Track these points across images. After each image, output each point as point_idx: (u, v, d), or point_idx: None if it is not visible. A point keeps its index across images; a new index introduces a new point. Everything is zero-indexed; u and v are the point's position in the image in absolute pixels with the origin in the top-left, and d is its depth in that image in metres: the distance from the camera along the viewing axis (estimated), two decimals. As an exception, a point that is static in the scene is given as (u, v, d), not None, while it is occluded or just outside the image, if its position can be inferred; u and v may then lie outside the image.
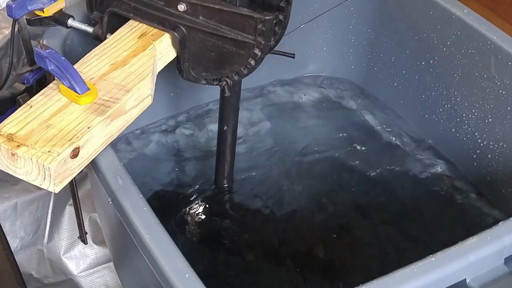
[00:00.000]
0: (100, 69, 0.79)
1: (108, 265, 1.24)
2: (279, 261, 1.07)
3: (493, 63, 1.03)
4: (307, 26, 1.12)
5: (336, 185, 1.17)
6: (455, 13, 1.07)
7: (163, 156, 1.22)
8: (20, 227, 1.18)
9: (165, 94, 1.23)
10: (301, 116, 1.30)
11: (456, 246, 0.71)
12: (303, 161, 1.21)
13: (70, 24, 0.92)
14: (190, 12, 0.83)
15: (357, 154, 1.22)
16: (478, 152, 1.11)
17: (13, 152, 0.67)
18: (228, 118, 1.02)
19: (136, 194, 0.76)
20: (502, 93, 1.04)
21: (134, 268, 0.87)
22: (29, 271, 1.20)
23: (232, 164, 1.09)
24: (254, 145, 1.24)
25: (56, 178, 0.67)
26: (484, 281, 0.72)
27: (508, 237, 0.73)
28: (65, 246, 1.23)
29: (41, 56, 0.73)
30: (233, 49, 0.84)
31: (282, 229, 1.11)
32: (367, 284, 0.67)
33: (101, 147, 0.74)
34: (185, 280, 0.68)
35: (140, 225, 0.73)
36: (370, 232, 1.10)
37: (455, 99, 1.13)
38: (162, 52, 0.84)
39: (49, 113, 0.72)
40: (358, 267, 1.06)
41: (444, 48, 1.11)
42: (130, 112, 0.76)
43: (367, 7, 1.24)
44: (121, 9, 0.86)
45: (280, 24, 0.87)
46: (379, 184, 1.17)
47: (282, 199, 1.15)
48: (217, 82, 0.87)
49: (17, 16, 0.89)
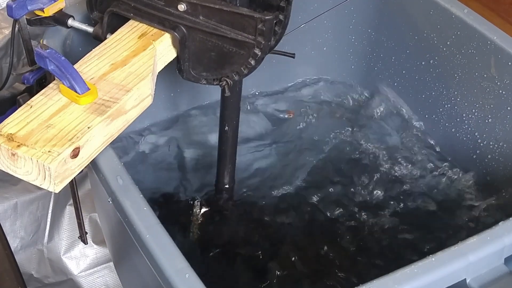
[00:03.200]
0: (100, 69, 0.79)
1: (108, 265, 1.24)
2: (281, 261, 1.07)
3: (493, 63, 1.03)
4: (307, 26, 1.12)
5: (336, 185, 1.17)
6: (455, 13, 1.07)
7: (163, 156, 1.22)
8: (20, 227, 1.18)
9: (165, 94, 1.23)
10: (301, 116, 1.30)
11: (456, 246, 0.71)
12: (304, 161, 1.21)
13: (70, 24, 0.92)
14: (190, 12, 0.83)
15: (358, 154, 1.22)
16: (478, 152, 1.11)
17: (13, 152, 0.67)
18: (229, 119, 1.01)
19: (136, 194, 0.76)
20: (502, 93, 1.04)
21: (134, 268, 0.87)
22: (29, 271, 1.20)
23: (233, 165, 1.09)
24: (253, 143, 1.24)
25: (56, 178, 0.67)
26: (484, 281, 0.72)
27: (508, 237, 0.73)
28: (65, 246, 1.23)
29: (41, 56, 0.73)
30: (233, 49, 0.84)
31: (284, 230, 1.11)
32: (367, 284, 0.67)
33: (101, 147, 0.74)
34: (185, 280, 0.68)
35: (140, 225, 0.73)
36: (369, 232, 1.10)
37: (455, 99, 1.13)
38: (162, 52, 0.84)
39: (49, 113, 0.72)
40: (360, 267, 1.06)
41: (444, 48, 1.11)
42: (130, 112, 0.76)
43: (367, 7, 1.24)
44: (121, 9, 0.86)
45: (280, 24, 0.87)
46: (378, 184, 1.17)
47: (286, 199, 1.15)
48: (217, 82, 0.87)
49: (17, 16, 0.89)
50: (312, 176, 1.19)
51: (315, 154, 1.22)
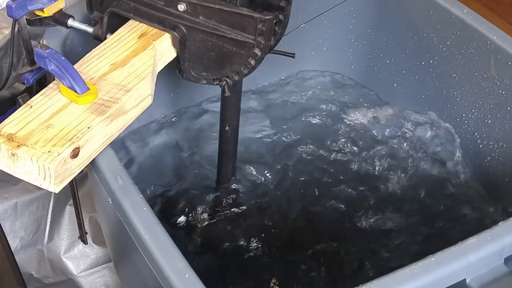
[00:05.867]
0: (100, 69, 0.79)
1: (108, 265, 1.24)
2: (284, 260, 1.07)
3: (493, 63, 1.03)
4: (307, 26, 1.12)
5: (336, 184, 1.17)
6: (455, 13, 1.07)
7: (163, 156, 1.22)
8: (20, 227, 1.18)
9: (165, 94, 1.23)
10: (302, 115, 1.30)
11: (456, 246, 0.71)
12: (305, 160, 1.21)
13: (70, 24, 0.92)
14: (190, 12, 0.83)
15: (357, 153, 1.22)
16: (478, 152, 1.11)
17: (13, 152, 0.67)
18: (229, 118, 1.01)
19: (136, 194, 0.76)
20: (502, 93, 1.04)
21: (134, 268, 0.87)
22: (29, 271, 1.20)
23: (234, 164, 1.09)
24: (254, 143, 1.24)
25: (56, 178, 0.67)
26: (484, 281, 0.72)
27: (508, 237, 0.73)
28: (65, 246, 1.23)
29: (41, 56, 0.73)
30: (233, 49, 0.84)
31: (287, 228, 1.11)
32: (367, 284, 0.67)
33: (101, 147, 0.74)
34: (185, 280, 0.68)
35: (140, 225, 0.73)
36: (369, 232, 1.10)
37: (455, 99, 1.13)
38: (162, 52, 0.84)
39: (49, 113, 0.72)
40: (364, 267, 1.06)
41: (444, 48, 1.11)
42: (130, 112, 0.76)
43: (367, 7, 1.24)
44: (121, 9, 0.86)
45: (280, 24, 0.87)
46: (378, 183, 1.17)
47: (286, 196, 1.15)
48: (217, 82, 0.87)
49: (17, 16, 0.89)
50: (311, 174, 1.19)
51: (314, 152, 1.22)
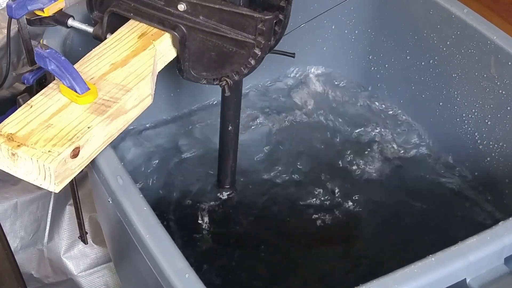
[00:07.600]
0: (100, 69, 0.79)
1: (108, 265, 1.24)
2: (285, 262, 1.07)
3: (493, 63, 1.03)
4: (307, 26, 1.12)
5: (337, 184, 1.18)
6: (455, 13, 1.07)
7: (163, 156, 1.22)
8: (20, 227, 1.18)
9: (165, 94, 1.23)
10: (302, 115, 1.30)
11: (456, 246, 0.71)
12: (305, 160, 1.22)
13: (70, 24, 0.92)
14: (190, 12, 0.83)
15: (358, 153, 1.22)
16: (478, 152, 1.11)
17: (13, 152, 0.67)
18: (230, 118, 1.02)
19: (136, 194, 0.76)
20: (502, 93, 1.04)
21: (134, 268, 0.87)
22: (29, 271, 1.20)
23: (235, 165, 1.09)
24: (253, 143, 1.24)
25: (56, 178, 0.67)
26: (484, 281, 0.72)
27: (508, 237, 0.73)
28: (65, 246, 1.23)
29: (41, 56, 0.73)
30: (233, 49, 0.84)
31: (287, 230, 1.11)
32: (367, 284, 0.67)
33: (101, 147, 0.74)
34: (185, 280, 0.68)
35: (140, 225, 0.73)
36: (370, 232, 1.11)
37: (455, 99, 1.13)
38: (162, 52, 0.84)
39: (49, 113, 0.72)
40: (365, 267, 1.06)
41: (444, 48, 1.11)
42: (130, 112, 0.76)
43: (367, 7, 1.24)
44: (121, 9, 0.86)
45: (280, 24, 0.87)
46: (377, 183, 1.17)
47: (288, 198, 1.15)
48: (217, 82, 0.87)
49: (17, 16, 0.89)
50: (311, 173, 1.19)
51: (315, 152, 1.22)
